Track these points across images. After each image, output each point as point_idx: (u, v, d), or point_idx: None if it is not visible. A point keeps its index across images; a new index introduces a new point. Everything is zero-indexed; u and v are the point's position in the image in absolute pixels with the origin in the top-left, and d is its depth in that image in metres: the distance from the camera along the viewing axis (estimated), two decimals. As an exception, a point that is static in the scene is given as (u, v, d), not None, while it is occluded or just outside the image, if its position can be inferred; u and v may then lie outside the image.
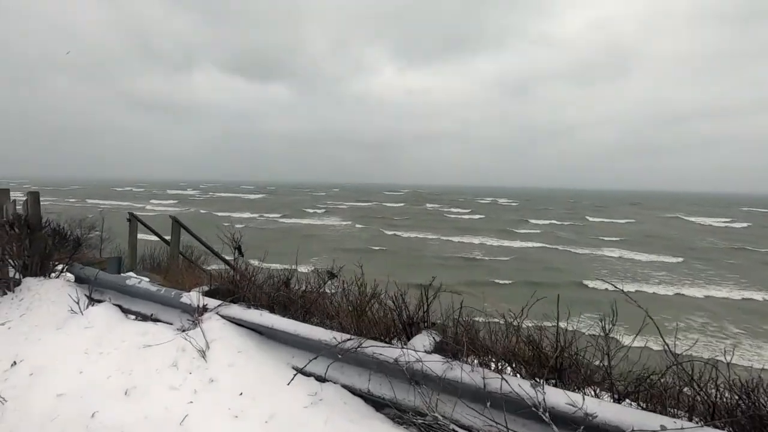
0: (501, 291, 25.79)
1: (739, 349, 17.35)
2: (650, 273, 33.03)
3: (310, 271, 4.66)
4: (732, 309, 23.47)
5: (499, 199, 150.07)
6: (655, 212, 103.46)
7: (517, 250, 42.34)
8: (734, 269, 34.35)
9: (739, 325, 20.57)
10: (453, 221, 70.32)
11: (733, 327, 20.29)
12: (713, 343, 17.86)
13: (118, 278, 4.29)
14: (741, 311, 22.96)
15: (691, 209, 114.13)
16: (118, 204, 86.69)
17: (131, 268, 7.19)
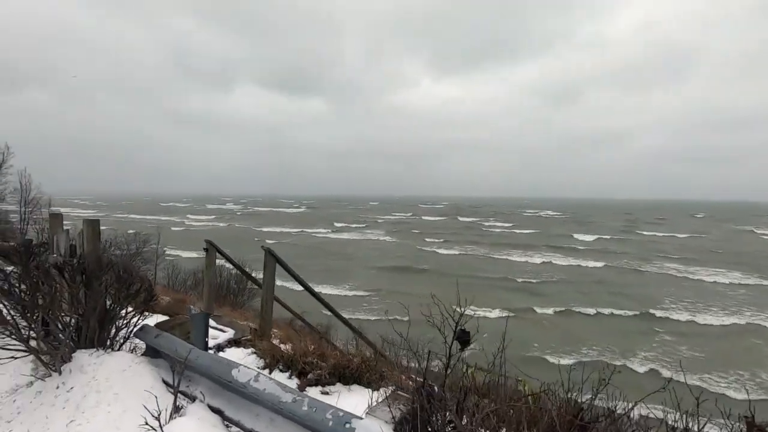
0: (563, 321, 23.10)
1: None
2: (732, 296, 29.18)
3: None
4: None
5: (542, 211, 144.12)
6: (722, 224, 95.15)
7: (570, 269, 38.96)
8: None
9: None
10: (497, 236, 67.14)
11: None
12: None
13: (219, 364, 2.66)
14: None
15: (762, 221, 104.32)
16: (157, 218, 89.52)
17: (207, 310, 5.68)
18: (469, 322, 2.35)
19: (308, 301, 6.38)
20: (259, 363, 4.19)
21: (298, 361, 3.76)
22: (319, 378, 3.50)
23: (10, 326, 2.96)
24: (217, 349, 4.70)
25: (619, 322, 23.70)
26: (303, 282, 4.94)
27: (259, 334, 4.74)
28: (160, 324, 3.35)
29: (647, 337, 21.31)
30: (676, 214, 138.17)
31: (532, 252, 49.19)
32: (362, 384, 3.56)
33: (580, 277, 35.51)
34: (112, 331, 3.33)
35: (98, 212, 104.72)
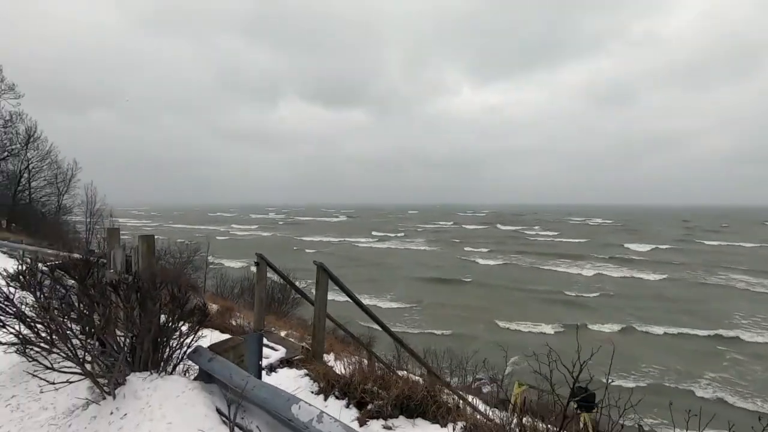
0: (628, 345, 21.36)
1: None
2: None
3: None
4: None
5: (591, 219, 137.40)
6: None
7: (625, 282, 36.38)
8: None
9: None
10: (542, 245, 64.47)
11: None
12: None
13: (278, 398, 2.40)
14: None
15: None
16: (205, 228, 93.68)
17: (257, 327, 5.56)
18: (523, 338, 1.95)
19: (348, 309, 6.12)
20: (313, 387, 3.95)
21: (357, 389, 3.47)
22: (380, 410, 3.18)
23: (68, 347, 2.87)
24: (269, 370, 4.51)
25: (683, 341, 21.71)
26: (358, 301, 4.67)
27: (312, 354, 4.51)
28: (213, 346, 3.17)
29: (715, 358, 19.39)
30: (742, 221, 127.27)
31: (582, 262, 46.73)
32: (427, 418, 3.21)
33: (636, 290, 33.14)
34: (165, 352, 3.19)
35: (152, 222, 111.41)
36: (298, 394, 3.91)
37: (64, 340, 2.99)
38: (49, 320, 3.00)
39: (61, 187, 32.73)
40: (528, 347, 2.24)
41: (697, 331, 22.75)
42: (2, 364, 4.32)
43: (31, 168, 31.01)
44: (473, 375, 15.99)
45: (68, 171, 32.71)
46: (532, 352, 2.35)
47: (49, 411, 3.32)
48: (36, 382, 3.13)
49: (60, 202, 33.06)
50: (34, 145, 30.65)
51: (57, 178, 32.42)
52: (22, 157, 30.53)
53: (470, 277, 37.44)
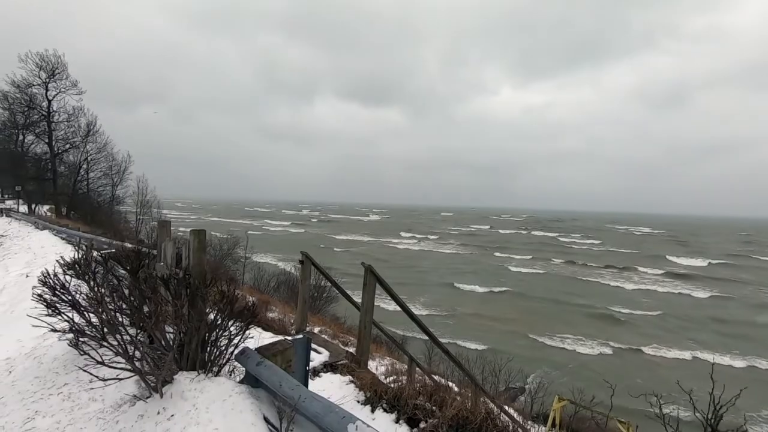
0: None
1: None
2: None
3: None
4: None
5: (637, 228, 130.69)
6: None
7: (673, 299, 34.07)
8: None
9: None
10: (582, 254, 61.73)
11: None
12: None
13: (332, 414, 2.21)
14: None
15: None
16: (239, 222, 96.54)
17: (300, 328, 5.46)
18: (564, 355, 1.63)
19: (380, 311, 5.89)
20: (360, 396, 3.77)
21: (407, 403, 3.25)
22: (434, 429, 2.94)
23: (119, 341, 2.82)
24: (312, 373, 4.37)
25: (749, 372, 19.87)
26: (407, 308, 4.45)
27: (357, 360, 4.34)
28: (261, 349, 3.05)
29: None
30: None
31: (628, 273, 44.41)
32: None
33: (685, 309, 30.93)
34: (213, 353, 3.10)
35: (192, 215, 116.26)
36: (345, 404, 3.75)
37: (114, 333, 2.95)
38: (101, 312, 2.98)
39: (115, 178, 34.67)
40: (567, 365, 2.00)
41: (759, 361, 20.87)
42: (57, 350, 4.43)
43: (89, 160, 33.01)
44: (506, 383, 15.44)
45: (122, 163, 34.59)
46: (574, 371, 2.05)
47: (98, 403, 3.32)
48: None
49: (114, 192, 35.02)
50: (93, 138, 32.61)
51: (112, 170, 34.36)
52: (82, 149, 32.56)
53: (506, 286, 36.33)
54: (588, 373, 17.75)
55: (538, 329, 24.21)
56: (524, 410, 11.58)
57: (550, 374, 17.23)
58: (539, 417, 10.29)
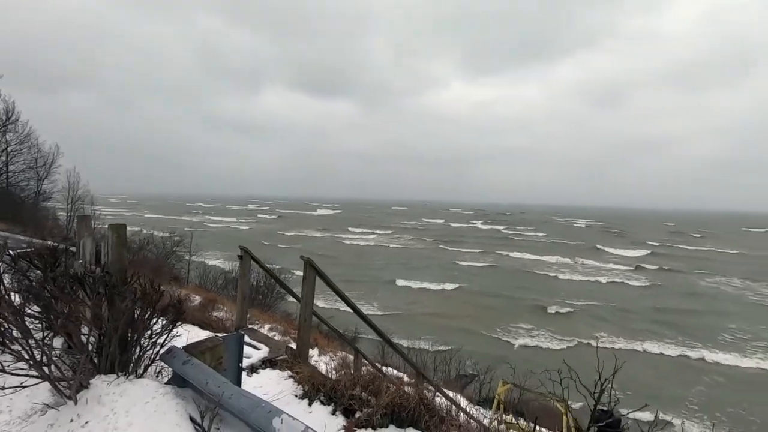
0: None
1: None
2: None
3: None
4: None
5: (577, 220, 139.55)
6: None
7: (612, 290, 36.92)
8: None
9: None
10: (528, 247, 65.06)
11: None
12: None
13: (258, 409, 2.19)
14: None
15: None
16: (179, 218, 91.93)
17: (239, 325, 5.33)
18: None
19: (335, 300, 5.88)
20: (298, 390, 3.76)
21: (344, 394, 3.29)
22: (369, 418, 3.01)
23: (23, 347, 2.61)
24: (250, 370, 4.30)
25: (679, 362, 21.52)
26: (348, 300, 4.48)
27: (297, 354, 4.31)
28: (189, 347, 2.95)
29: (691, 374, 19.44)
30: (724, 227, 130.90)
31: (573, 265, 47.37)
32: (419, 428, 3.05)
33: (623, 299, 33.40)
34: (135, 353, 2.95)
35: (127, 211, 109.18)
36: (282, 399, 3.73)
37: (23, 337, 2.73)
38: (2, 316, 2.73)
39: (41, 171, 31.48)
40: (518, 356, 2.10)
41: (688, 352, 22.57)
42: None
43: (9, 151, 29.74)
44: (456, 371, 16.05)
45: (50, 155, 31.50)
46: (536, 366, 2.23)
47: (4, 414, 3.06)
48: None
49: (39, 187, 31.83)
50: (13, 128, 29.35)
51: (37, 163, 31.17)
52: (0, 140, 29.26)
53: (458, 281, 36.72)
54: (537, 360, 18.73)
55: (491, 325, 24.97)
56: (473, 396, 12.13)
57: (501, 365, 17.96)
58: (487, 401, 10.82)
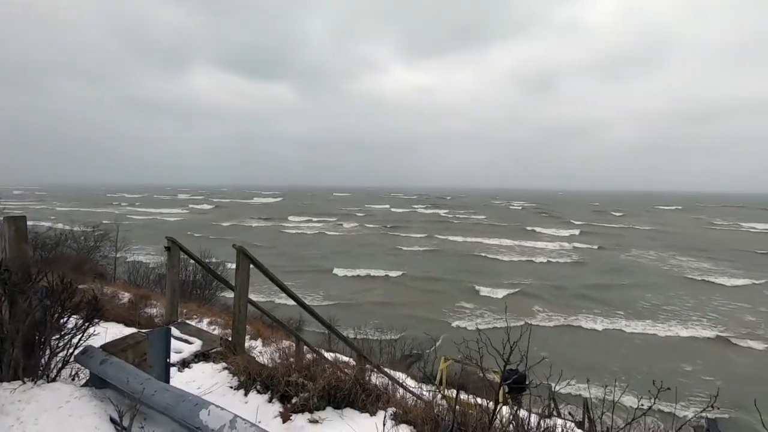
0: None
1: None
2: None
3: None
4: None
5: (512, 203, 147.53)
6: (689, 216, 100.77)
7: (542, 267, 39.84)
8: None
9: None
10: (470, 230, 67.89)
11: None
12: None
13: (184, 403, 2.14)
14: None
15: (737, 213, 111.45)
16: (100, 210, 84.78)
17: (169, 319, 5.07)
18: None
19: (277, 292, 5.77)
20: (233, 382, 3.69)
21: (280, 381, 3.28)
22: (306, 402, 3.04)
23: None
24: (181, 366, 4.15)
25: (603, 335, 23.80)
26: (283, 285, 4.43)
27: (232, 345, 4.22)
28: (107, 345, 2.78)
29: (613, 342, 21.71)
30: (640, 206, 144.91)
31: (511, 246, 50.07)
32: (356, 407, 3.14)
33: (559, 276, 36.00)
34: (45, 356, 2.73)
35: (35, 203, 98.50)
36: (216, 391, 3.65)
37: None
38: None
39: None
40: (462, 337, 2.20)
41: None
42: None
43: None
44: (402, 352, 16.60)
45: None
46: (461, 337, 2.39)
47: None
48: None
49: None
50: None
51: None
52: None
53: (402, 268, 37.04)
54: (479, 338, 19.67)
55: (436, 308, 25.61)
56: (417, 374, 12.62)
57: (446, 344, 18.64)
58: (431, 378, 11.34)
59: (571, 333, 22.31)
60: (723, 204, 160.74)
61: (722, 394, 11.59)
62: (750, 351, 20.01)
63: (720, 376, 17.37)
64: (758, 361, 19.05)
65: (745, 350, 20.15)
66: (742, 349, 20.30)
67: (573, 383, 15.35)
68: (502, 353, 1.80)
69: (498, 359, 1.85)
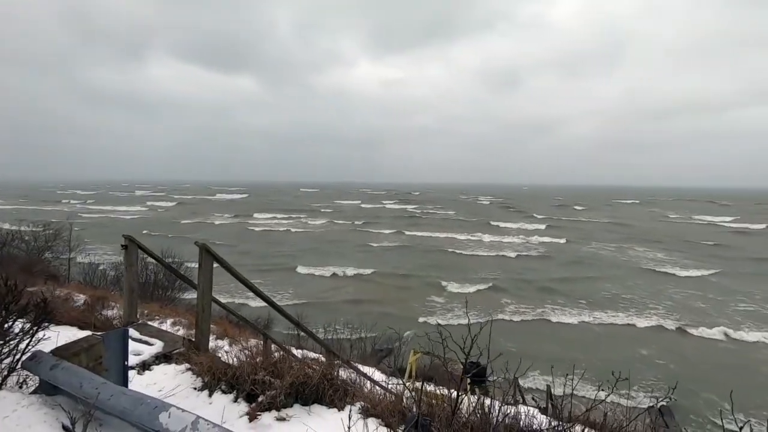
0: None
1: None
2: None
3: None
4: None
5: (479, 198, 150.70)
6: (644, 209, 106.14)
7: (511, 262, 40.96)
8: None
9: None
10: (440, 226, 68.81)
11: None
12: None
13: (142, 406, 2.07)
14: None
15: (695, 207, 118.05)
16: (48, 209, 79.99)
17: (128, 321, 4.87)
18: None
19: (245, 291, 5.65)
20: (197, 383, 3.60)
21: (246, 380, 3.23)
22: (273, 400, 3.01)
23: None
24: (141, 368, 4.00)
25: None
26: (250, 284, 4.35)
27: (195, 345, 4.11)
28: (59, 349, 2.65)
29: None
30: (599, 200, 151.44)
31: (479, 241, 51.03)
32: (324, 403, 3.13)
33: (534, 270, 37.01)
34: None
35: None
36: (178, 393, 3.55)
37: None
38: None
39: None
40: (431, 331, 2.23)
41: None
42: None
43: None
44: (372, 345, 16.73)
45: None
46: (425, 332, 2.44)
47: None
48: None
49: None
50: None
51: None
52: None
53: (373, 265, 36.65)
54: (452, 333, 19.97)
55: (407, 306, 25.56)
56: (387, 368, 12.77)
57: (417, 339, 18.81)
58: (401, 371, 11.48)
59: (538, 326, 23.05)
60: (675, 197, 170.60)
61: (672, 376, 12.42)
62: (700, 338, 21.33)
63: (671, 359, 18.55)
64: (705, 346, 20.43)
65: (695, 337, 21.48)
66: (692, 336, 21.63)
67: (536, 374, 16.04)
68: (462, 347, 1.86)
69: (459, 353, 1.91)
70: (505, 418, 2.41)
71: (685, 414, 14.42)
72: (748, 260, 40.76)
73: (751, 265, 38.28)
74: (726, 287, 30.51)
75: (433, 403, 2.42)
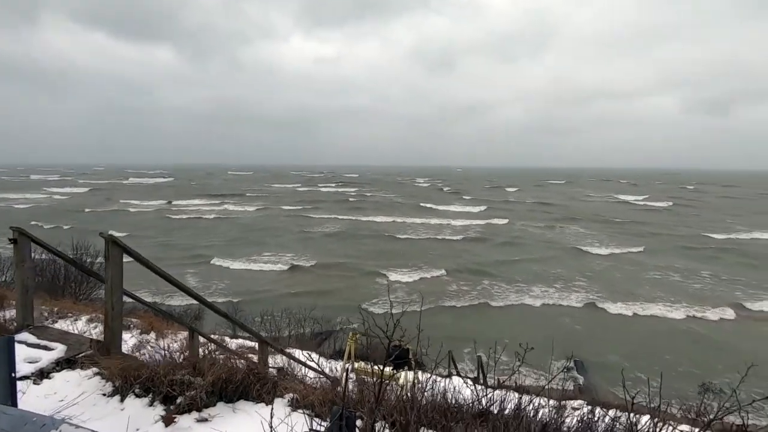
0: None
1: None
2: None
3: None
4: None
5: (416, 180, 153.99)
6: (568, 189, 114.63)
7: (456, 246, 42.56)
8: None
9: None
10: (381, 209, 69.40)
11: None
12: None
13: (29, 427, 1.82)
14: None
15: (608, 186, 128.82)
16: None
17: (23, 323, 4.33)
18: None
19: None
20: (106, 388, 3.31)
21: (163, 381, 3.02)
22: (193, 401, 2.84)
23: None
24: (38, 377, 3.59)
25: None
26: (165, 274, 4.04)
27: (105, 347, 3.76)
28: None
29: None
30: (529, 181, 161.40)
31: (418, 223, 52.18)
32: (250, 399, 3.02)
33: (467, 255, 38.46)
34: None
35: None
36: (83, 402, 3.24)
37: None
38: None
39: None
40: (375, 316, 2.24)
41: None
42: None
43: None
44: (311, 329, 16.76)
45: None
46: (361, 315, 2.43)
47: None
48: None
49: None
50: None
51: None
52: None
53: (310, 254, 35.44)
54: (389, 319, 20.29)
55: (348, 296, 25.05)
56: (326, 351, 12.87)
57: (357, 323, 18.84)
58: (341, 353, 11.58)
59: (480, 309, 23.87)
60: (595, 178, 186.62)
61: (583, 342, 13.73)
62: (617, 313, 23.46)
63: (586, 326, 20.66)
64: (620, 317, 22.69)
65: (606, 312, 23.53)
66: (604, 311, 23.65)
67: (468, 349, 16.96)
68: (385, 331, 1.86)
69: (383, 338, 1.90)
70: (434, 396, 2.49)
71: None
72: (665, 236, 45.46)
73: (670, 241, 42.70)
74: (642, 262, 33.81)
75: (365, 382, 2.41)
